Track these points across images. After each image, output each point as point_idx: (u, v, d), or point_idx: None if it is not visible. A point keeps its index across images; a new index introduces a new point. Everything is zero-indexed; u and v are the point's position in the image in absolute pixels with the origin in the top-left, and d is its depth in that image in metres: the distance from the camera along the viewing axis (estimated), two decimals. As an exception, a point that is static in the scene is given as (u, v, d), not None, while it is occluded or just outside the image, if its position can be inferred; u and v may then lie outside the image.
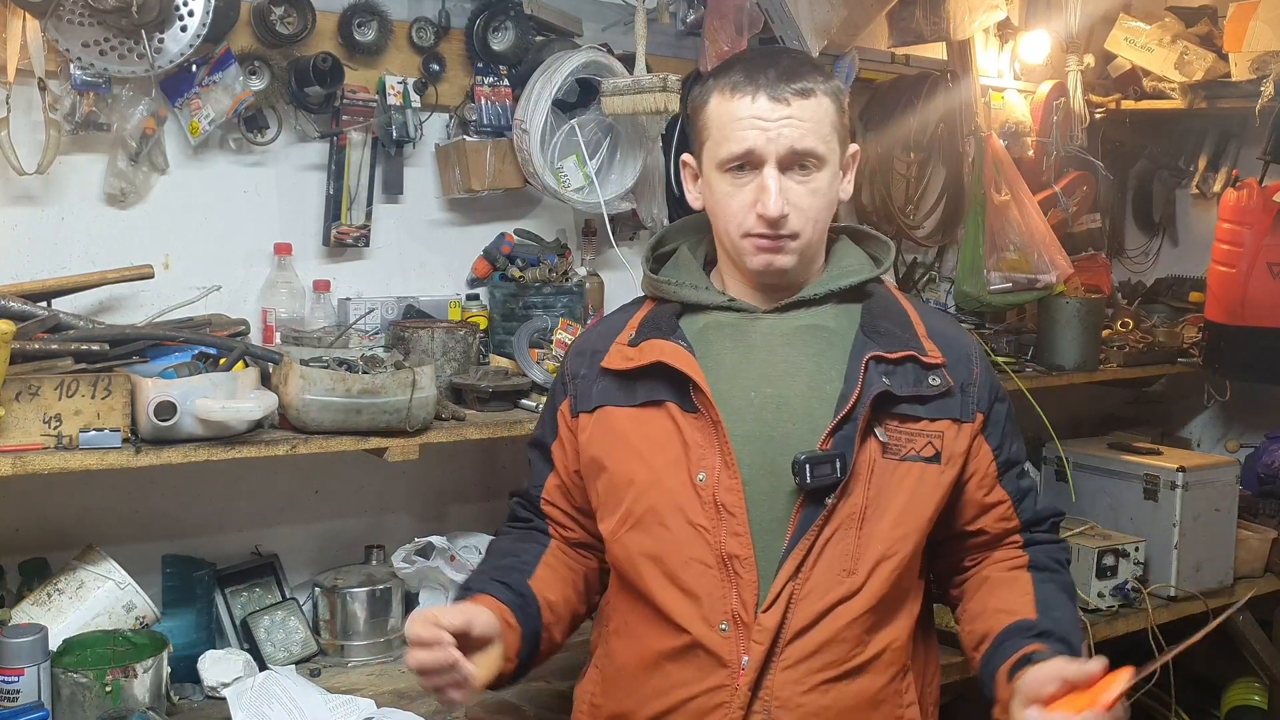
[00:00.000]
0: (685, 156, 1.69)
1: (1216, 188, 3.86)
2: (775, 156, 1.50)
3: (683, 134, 2.95)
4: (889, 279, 1.75)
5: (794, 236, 1.54)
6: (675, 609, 1.54)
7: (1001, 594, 1.62)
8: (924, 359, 1.57)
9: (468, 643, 1.49)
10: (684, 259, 1.72)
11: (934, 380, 1.57)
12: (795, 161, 1.52)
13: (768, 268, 1.56)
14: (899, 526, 1.53)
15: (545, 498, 1.76)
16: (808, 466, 1.49)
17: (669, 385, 1.57)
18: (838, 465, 1.49)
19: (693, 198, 1.68)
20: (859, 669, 1.52)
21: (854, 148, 1.63)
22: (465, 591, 1.66)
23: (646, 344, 1.60)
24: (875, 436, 1.53)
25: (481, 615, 1.53)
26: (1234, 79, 3.41)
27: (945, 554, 1.70)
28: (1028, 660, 1.45)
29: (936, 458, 1.55)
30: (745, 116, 1.50)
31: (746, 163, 1.52)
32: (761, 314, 1.61)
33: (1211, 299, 3.39)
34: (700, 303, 1.64)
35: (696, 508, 1.53)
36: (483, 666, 1.50)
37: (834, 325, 1.60)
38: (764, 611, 1.49)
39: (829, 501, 1.50)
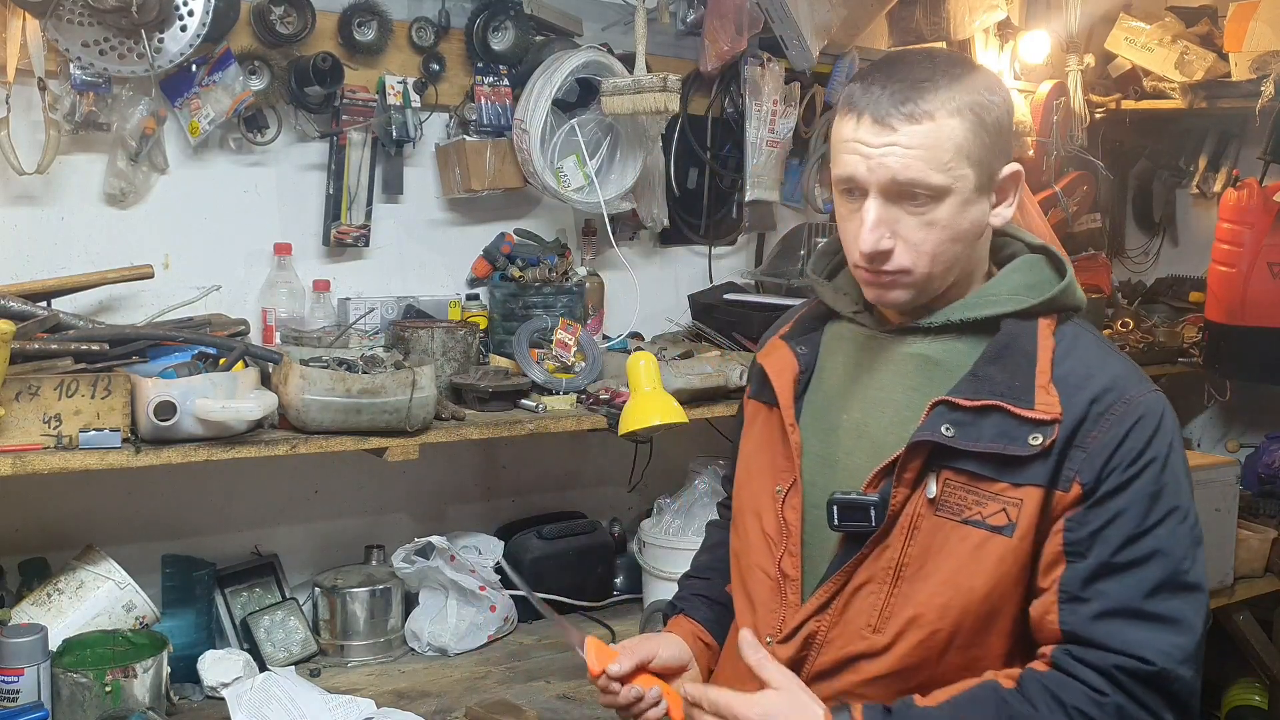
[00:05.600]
0: None
1: (1216, 188, 3.86)
2: (877, 186, 1.35)
3: (683, 134, 2.96)
4: (1082, 321, 1.45)
5: (905, 272, 1.38)
6: (741, 611, 1.53)
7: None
8: (1018, 411, 1.32)
9: (665, 669, 1.55)
10: None
11: (1034, 439, 1.32)
12: (903, 192, 1.35)
13: (879, 301, 1.44)
14: (939, 595, 1.35)
15: (728, 479, 1.76)
16: (836, 508, 1.39)
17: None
18: (872, 513, 1.37)
19: None
20: None
21: (1011, 169, 1.40)
22: (671, 608, 1.71)
23: (770, 343, 1.58)
24: (926, 490, 1.36)
25: (668, 648, 1.57)
26: (1234, 79, 3.41)
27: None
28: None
29: (1009, 528, 1.32)
30: (849, 139, 1.37)
31: (854, 188, 1.39)
32: (881, 333, 1.48)
33: (1211, 299, 3.39)
34: (836, 309, 1.55)
35: (771, 518, 1.49)
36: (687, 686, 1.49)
37: (945, 359, 1.41)
38: (779, 643, 1.44)
39: (862, 550, 1.39)
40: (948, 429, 1.34)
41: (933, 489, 1.35)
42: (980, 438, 1.33)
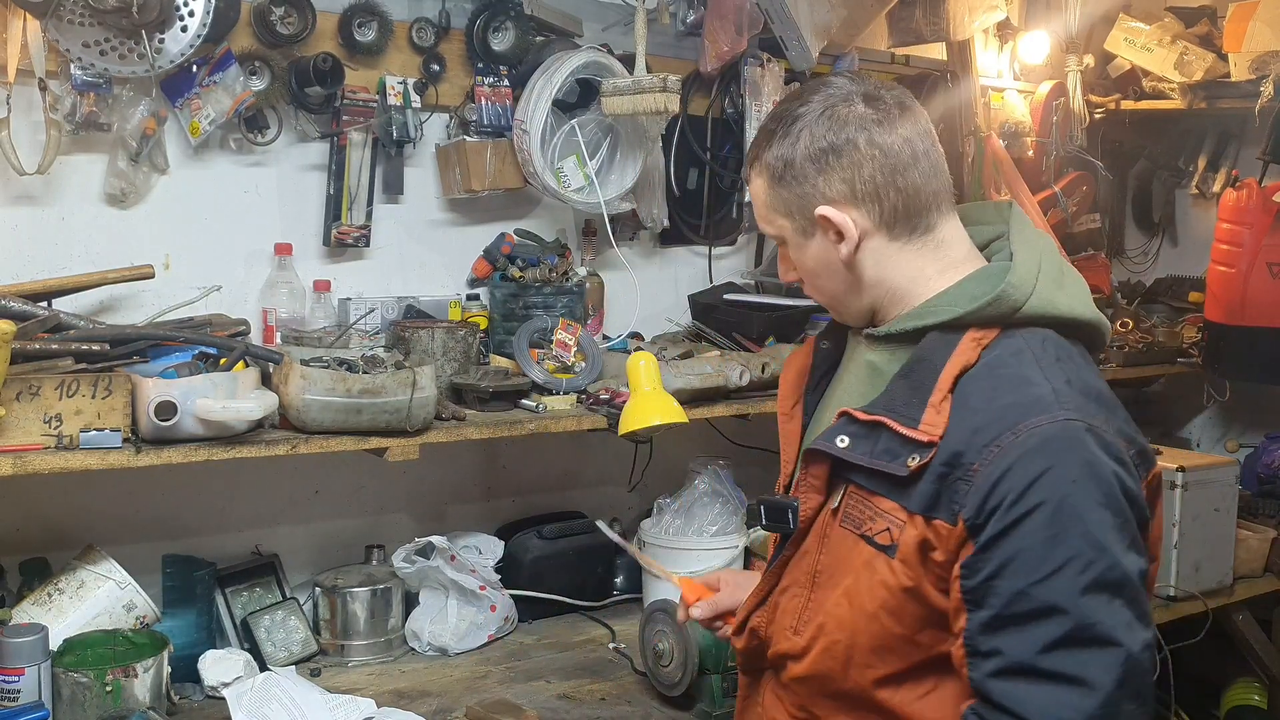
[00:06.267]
0: None
1: (1216, 188, 3.86)
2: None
3: (683, 134, 2.96)
4: (1039, 334, 1.34)
5: (816, 295, 1.49)
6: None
7: None
8: (900, 429, 1.29)
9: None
10: None
11: (911, 459, 1.27)
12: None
13: (834, 318, 1.54)
14: (840, 606, 1.35)
15: None
16: (763, 508, 1.43)
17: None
18: (790, 516, 1.40)
19: None
20: None
21: (820, 211, 1.37)
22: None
23: (805, 339, 1.70)
24: (832, 499, 1.37)
25: (741, 588, 1.64)
26: (1234, 79, 3.41)
27: None
28: None
29: (892, 549, 1.29)
30: None
31: None
32: (859, 337, 1.50)
33: (1211, 299, 3.39)
34: None
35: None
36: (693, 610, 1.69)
37: (887, 368, 1.40)
38: (734, 634, 1.54)
39: (785, 552, 1.43)
40: (843, 440, 1.34)
41: (837, 499, 1.36)
42: (869, 452, 1.32)
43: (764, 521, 1.43)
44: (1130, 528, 1.23)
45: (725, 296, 2.98)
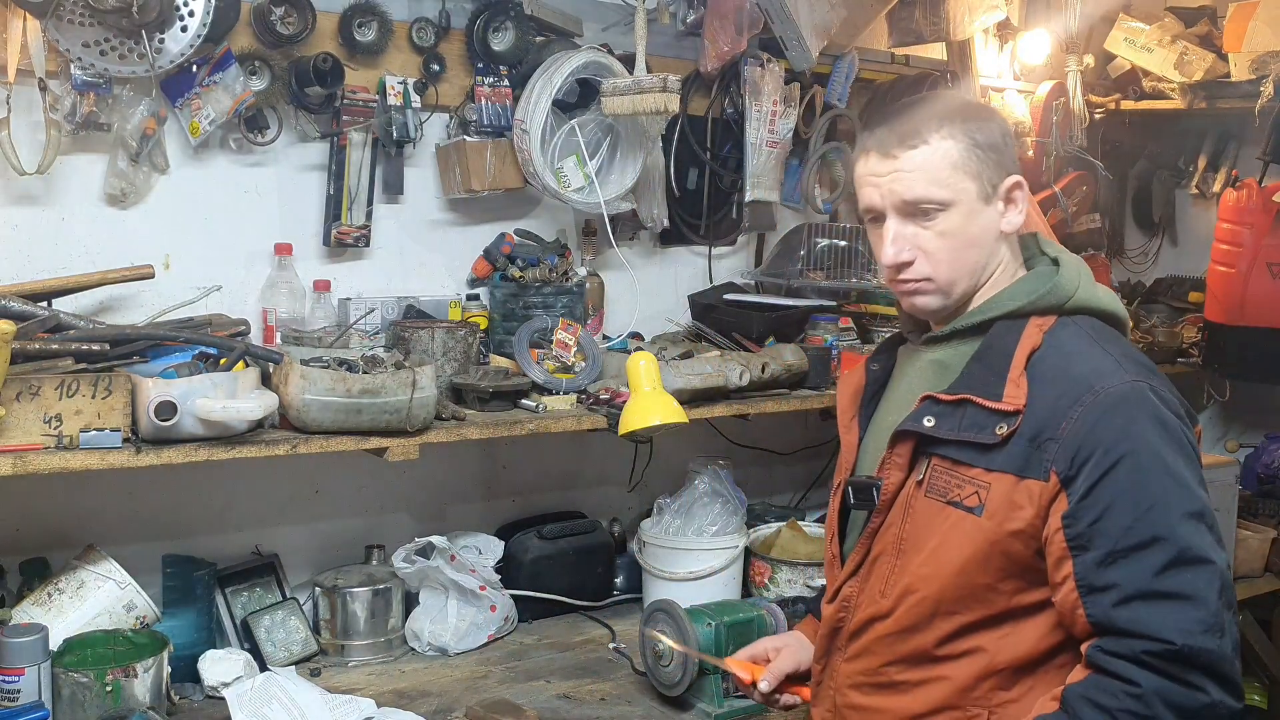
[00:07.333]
0: None
1: (1216, 188, 3.86)
2: (891, 208, 1.56)
3: (683, 134, 2.96)
4: (1086, 320, 1.57)
5: (927, 279, 1.57)
6: (826, 577, 1.78)
7: None
8: (985, 403, 1.49)
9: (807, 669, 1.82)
10: None
11: (999, 428, 1.47)
12: (914, 210, 1.55)
13: (911, 309, 1.64)
14: (925, 566, 1.54)
15: None
16: (850, 489, 1.63)
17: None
18: (874, 493, 1.59)
19: None
20: (896, 686, 1.59)
21: (1012, 179, 1.57)
22: (804, 608, 2.07)
23: (855, 364, 1.84)
24: (916, 474, 1.56)
25: (804, 652, 1.81)
26: (1234, 79, 3.41)
27: None
28: None
29: (979, 509, 1.48)
30: (863, 175, 1.60)
31: (876, 216, 1.60)
32: (918, 346, 1.68)
33: (1211, 299, 3.39)
34: (901, 330, 1.77)
35: (833, 504, 1.75)
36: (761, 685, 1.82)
37: (953, 361, 1.60)
38: (827, 603, 1.69)
39: (870, 525, 1.61)
40: (929, 420, 1.54)
41: (922, 473, 1.55)
42: (956, 427, 1.51)
43: (851, 500, 1.63)
44: (1196, 468, 1.45)
45: (725, 296, 2.98)
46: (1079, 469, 1.42)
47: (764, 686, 1.80)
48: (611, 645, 2.55)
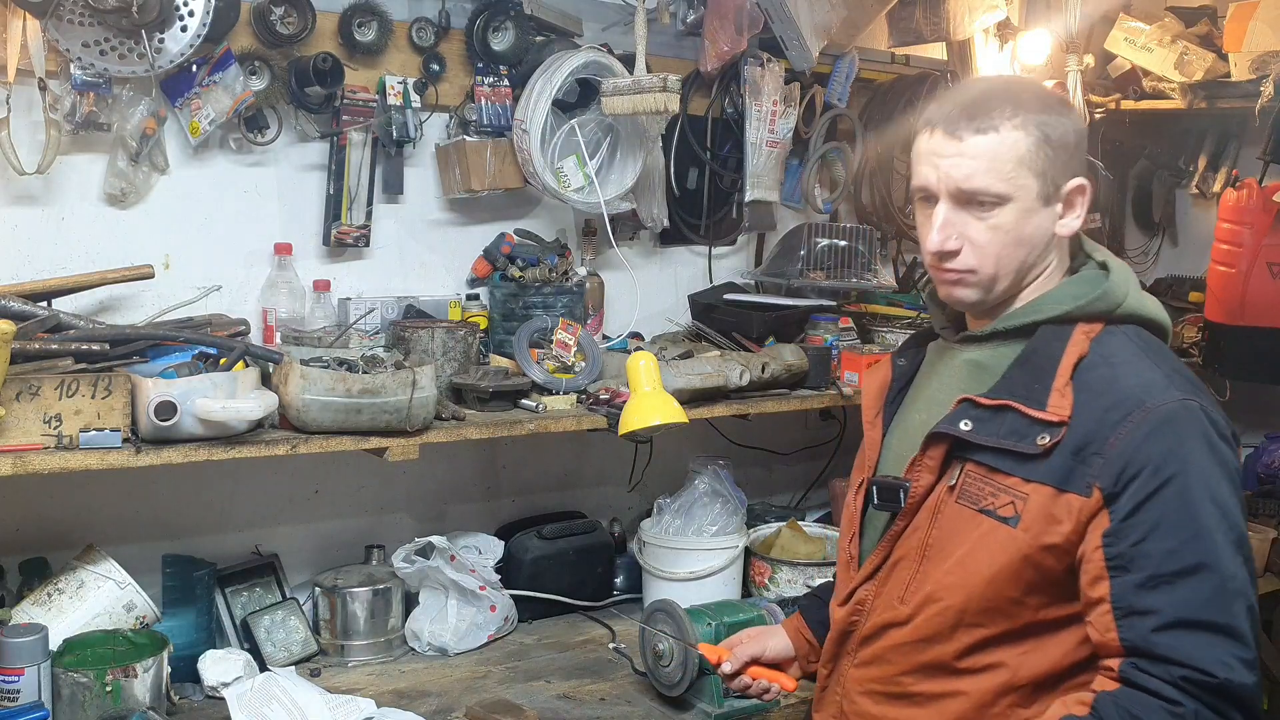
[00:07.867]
0: None
1: (1216, 188, 3.85)
2: (945, 192, 1.50)
3: (683, 134, 2.96)
4: (1136, 330, 1.52)
5: (971, 271, 1.51)
6: (837, 578, 1.75)
7: None
8: (1028, 411, 1.43)
9: (775, 659, 1.89)
10: None
11: (1041, 438, 1.42)
12: (970, 198, 1.48)
13: (949, 299, 1.58)
14: (950, 575, 1.49)
15: None
16: (876, 489, 1.58)
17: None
18: (901, 495, 1.54)
19: None
20: (911, 697, 1.55)
21: (1076, 182, 1.50)
22: (795, 606, 2.03)
23: (881, 360, 1.81)
24: (948, 479, 1.50)
25: (776, 642, 1.89)
26: (1234, 79, 3.41)
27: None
28: None
29: (1014, 519, 1.43)
30: (924, 151, 1.52)
31: (928, 196, 1.53)
32: (952, 343, 1.63)
33: (1211, 299, 3.39)
34: (933, 325, 1.72)
35: (849, 506, 1.70)
36: (789, 676, 1.88)
37: (992, 363, 1.55)
38: (839, 605, 1.65)
39: (894, 528, 1.56)
40: (966, 424, 1.48)
41: (954, 478, 1.49)
42: (995, 434, 1.45)
43: (875, 501, 1.58)
44: (1240, 493, 1.41)
45: (725, 296, 2.98)
46: (1124, 486, 1.37)
47: (726, 668, 1.85)
48: (611, 645, 2.55)
